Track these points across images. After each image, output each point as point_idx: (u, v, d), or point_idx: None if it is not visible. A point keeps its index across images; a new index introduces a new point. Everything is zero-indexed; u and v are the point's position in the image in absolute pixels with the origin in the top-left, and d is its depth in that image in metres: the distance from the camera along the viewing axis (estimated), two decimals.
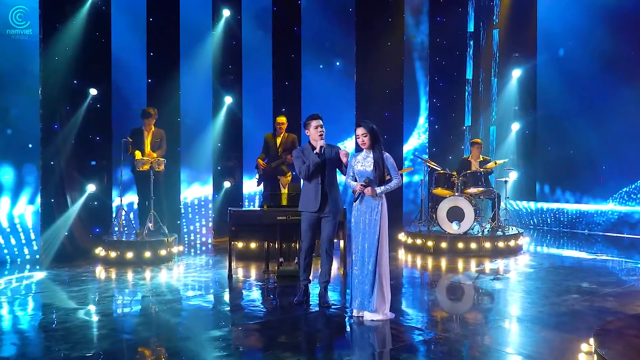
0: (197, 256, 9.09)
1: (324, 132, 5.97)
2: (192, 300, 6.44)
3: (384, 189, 5.49)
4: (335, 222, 6.00)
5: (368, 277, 5.43)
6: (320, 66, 11.51)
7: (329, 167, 5.96)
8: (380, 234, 5.45)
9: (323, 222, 5.99)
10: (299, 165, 5.95)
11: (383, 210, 5.50)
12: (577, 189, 12.07)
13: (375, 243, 5.43)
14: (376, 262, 5.41)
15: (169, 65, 10.04)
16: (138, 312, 6.04)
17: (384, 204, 5.54)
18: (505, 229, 9.51)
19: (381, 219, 5.47)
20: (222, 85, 10.63)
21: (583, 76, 11.74)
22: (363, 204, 5.55)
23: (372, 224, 5.47)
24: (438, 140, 12.71)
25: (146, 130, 8.94)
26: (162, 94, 9.92)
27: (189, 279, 7.41)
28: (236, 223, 7.32)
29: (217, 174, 10.70)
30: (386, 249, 5.53)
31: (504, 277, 7.52)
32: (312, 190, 5.93)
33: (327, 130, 6.09)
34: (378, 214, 5.47)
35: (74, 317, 5.62)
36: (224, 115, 10.69)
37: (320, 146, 5.86)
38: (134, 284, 7.15)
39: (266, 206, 7.38)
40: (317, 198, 5.90)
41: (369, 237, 5.47)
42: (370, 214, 5.50)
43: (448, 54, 12.78)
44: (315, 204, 5.90)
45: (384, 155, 5.51)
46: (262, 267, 7.88)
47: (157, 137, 8.99)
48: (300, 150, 6.04)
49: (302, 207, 6.02)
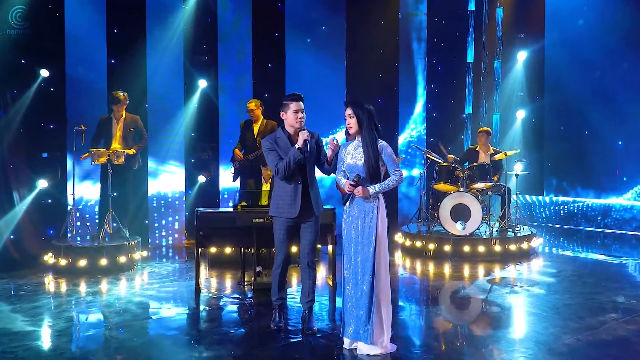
0: (164, 263, 7.89)
1: (304, 118, 4.78)
2: (147, 321, 5.27)
3: (379, 188, 4.31)
4: (317, 228, 4.86)
5: (363, 300, 4.28)
6: (307, 46, 10.27)
7: (310, 161, 4.79)
8: (377, 245, 4.28)
9: (303, 229, 4.83)
10: (274, 161, 4.74)
11: (380, 214, 4.33)
12: (590, 182, 10.96)
13: (370, 257, 4.27)
14: (372, 282, 4.25)
15: (134, 44, 8.80)
16: (68, 345, 4.85)
17: (382, 206, 4.36)
18: (516, 229, 8.39)
19: (378, 226, 4.31)
20: (195, 67, 9.39)
21: (597, 58, 10.61)
22: (354, 207, 4.39)
23: (367, 232, 4.31)
24: (436, 129, 11.59)
25: (116, 118, 7.73)
26: (126, 77, 8.66)
27: (150, 292, 6.23)
28: (204, 227, 6.15)
29: (190, 168, 9.48)
30: (385, 263, 4.36)
31: (522, 288, 6.39)
32: (289, 192, 4.76)
33: (314, 120, 4.97)
34: (373, 220, 4.31)
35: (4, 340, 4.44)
36: (198, 101, 9.46)
37: (303, 140, 4.66)
38: (79, 300, 5.95)
39: (240, 206, 6.21)
40: (296, 201, 4.73)
41: (362, 249, 4.31)
42: (364, 220, 4.34)
43: (447, 35, 11.65)
44: (293, 209, 4.73)
45: (378, 144, 4.33)
46: (238, 275, 6.76)
47: (130, 125, 7.78)
48: (272, 141, 4.81)
49: (275, 211, 4.84)
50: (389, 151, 4.36)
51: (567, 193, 11.29)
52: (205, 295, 6.14)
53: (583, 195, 11.04)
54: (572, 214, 11.07)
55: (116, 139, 7.61)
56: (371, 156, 4.29)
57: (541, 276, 6.95)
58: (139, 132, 7.79)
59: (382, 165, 4.35)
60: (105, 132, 7.65)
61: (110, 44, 8.70)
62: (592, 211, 10.79)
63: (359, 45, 10.59)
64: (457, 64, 11.78)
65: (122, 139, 7.63)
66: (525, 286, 6.45)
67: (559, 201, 11.29)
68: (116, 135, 7.63)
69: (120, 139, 7.63)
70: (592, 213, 10.79)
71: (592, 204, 10.81)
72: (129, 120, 7.74)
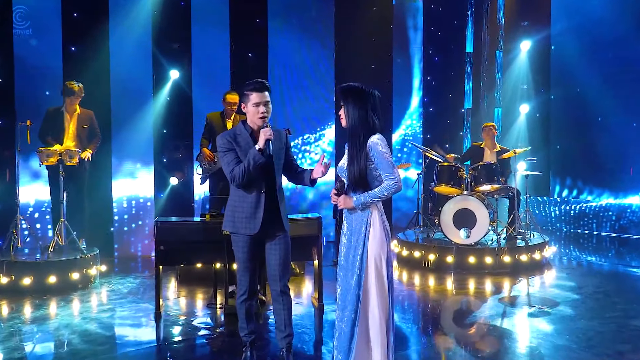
0: (127, 278, 6.87)
1: (269, 113, 3.81)
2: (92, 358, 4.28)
3: (364, 198, 3.30)
4: (287, 244, 3.89)
5: (342, 341, 3.31)
6: (292, 34, 9.27)
7: (276, 164, 3.84)
8: (366, 274, 3.26)
9: (269, 248, 3.88)
10: (231, 164, 3.77)
11: (371, 233, 3.30)
12: (601, 182, 10.10)
13: (352, 289, 3.26)
14: (354, 320, 3.25)
15: (95, 30, 7.83)
16: None
17: (375, 222, 3.33)
18: (526, 236, 7.45)
19: (367, 248, 3.28)
20: (165, 55, 8.36)
21: (608, 47, 9.76)
22: (344, 221, 3.42)
23: (351, 256, 3.33)
24: (433, 125, 10.75)
25: (68, 112, 6.73)
26: (86, 66, 7.69)
27: (101, 318, 5.23)
28: (166, 240, 5.15)
29: (160, 168, 8.47)
30: (381, 297, 3.29)
31: (540, 311, 5.43)
32: (249, 203, 3.80)
33: (300, 115, 3.99)
34: (361, 241, 3.30)
35: None
36: (169, 93, 8.44)
37: (265, 139, 3.69)
38: (17, 327, 4.94)
39: (208, 215, 5.23)
40: (256, 215, 3.78)
41: (344, 276, 3.34)
42: (350, 239, 3.36)
43: (445, 23, 10.84)
44: (252, 224, 3.78)
45: (367, 142, 3.31)
46: (209, 293, 5.80)
47: (84, 121, 6.79)
48: (230, 138, 3.81)
49: (230, 226, 3.88)
50: (380, 149, 3.29)
51: (577, 193, 10.41)
52: (167, 322, 5.15)
53: (595, 195, 10.17)
54: (583, 216, 10.20)
55: (69, 136, 6.62)
56: (355, 157, 3.31)
57: (560, 294, 5.99)
58: (92, 130, 6.80)
59: (369, 169, 3.32)
60: (54, 127, 6.65)
61: (67, 30, 7.71)
62: (606, 212, 9.89)
63: (349, 33, 9.67)
64: (456, 54, 11.02)
65: (76, 137, 6.63)
66: (543, 307, 5.49)
67: (570, 201, 10.41)
68: (69, 132, 6.63)
69: (73, 136, 6.63)
70: (606, 215, 9.89)
71: (606, 204, 9.92)
72: (83, 116, 6.75)
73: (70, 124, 6.71)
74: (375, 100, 3.37)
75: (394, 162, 3.36)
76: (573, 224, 10.31)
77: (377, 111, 3.38)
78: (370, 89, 3.37)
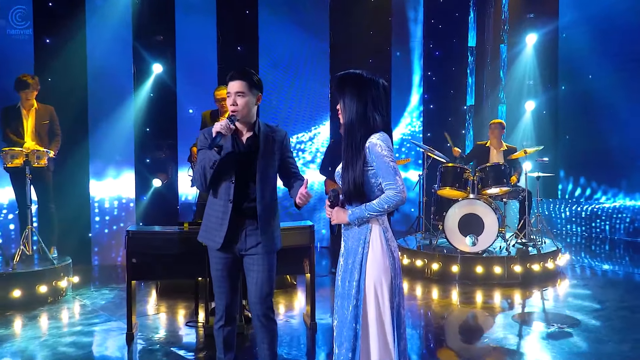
0: (102, 290, 6.27)
1: (244, 107, 3.22)
2: None
3: (360, 212, 2.67)
4: (269, 264, 3.29)
5: None
6: (284, 25, 8.67)
7: (259, 168, 3.26)
8: (364, 303, 2.64)
9: (247, 266, 3.31)
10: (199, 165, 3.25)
11: (371, 254, 2.67)
12: (613, 182, 9.57)
13: (349, 323, 2.64)
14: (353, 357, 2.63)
15: (71, 20, 7.25)
16: None
17: (375, 240, 2.68)
18: (538, 243, 6.88)
19: (365, 272, 2.65)
20: (147, 48, 7.76)
21: (620, 39, 9.18)
22: (342, 238, 2.83)
23: (347, 282, 2.70)
24: (434, 123, 10.16)
25: (25, 108, 6.12)
26: (61, 60, 7.14)
27: (67, 340, 4.63)
28: (138, 252, 4.55)
29: (142, 169, 7.87)
30: (382, 344, 2.63)
31: (560, 330, 4.86)
32: (217, 211, 3.28)
33: (293, 113, 3.43)
34: (357, 263, 2.67)
35: None
36: (151, 88, 7.85)
37: (216, 132, 3.13)
38: None
39: (187, 224, 4.65)
40: (222, 226, 3.23)
41: (340, 305, 2.72)
42: (347, 261, 2.75)
43: (446, 16, 10.23)
44: (218, 236, 3.25)
45: (365, 142, 2.68)
46: (191, 308, 5.23)
47: (43, 117, 6.18)
48: (208, 134, 3.25)
49: (203, 236, 3.38)
50: (380, 152, 2.64)
51: (587, 194, 9.87)
52: (139, 344, 4.56)
53: (607, 196, 9.61)
54: (595, 218, 9.65)
55: (28, 134, 6.01)
56: (350, 161, 2.69)
57: (580, 309, 5.41)
58: (52, 126, 6.19)
59: (365, 175, 2.68)
60: (12, 125, 6.04)
61: (39, 20, 7.13)
62: (620, 214, 9.34)
63: (346, 25, 9.10)
64: (458, 48, 10.43)
65: (36, 135, 6.02)
66: (563, 327, 4.91)
67: (581, 202, 9.86)
68: (28, 129, 6.02)
69: (32, 134, 6.02)
70: (620, 217, 9.34)
71: (620, 206, 9.35)
72: (42, 111, 6.14)
73: (28, 121, 6.08)
74: (378, 90, 2.73)
75: (397, 167, 2.70)
76: (584, 226, 9.77)
77: (379, 105, 2.73)
78: (373, 77, 2.75)
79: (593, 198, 9.80)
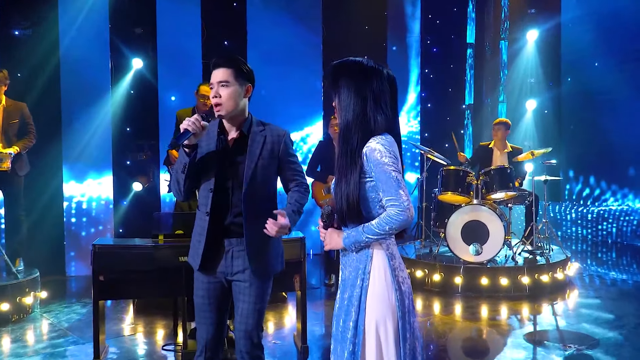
0: (73, 305, 5.71)
1: (221, 98, 2.70)
2: None
3: (355, 236, 2.15)
4: (260, 291, 2.77)
5: None
6: (274, 19, 8.15)
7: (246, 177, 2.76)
8: (363, 352, 2.11)
9: (235, 290, 2.79)
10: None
11: (372, 286, 2.14)
12: (619, 183, 9.18)
13: None
14: None
15: (43, 11, 6.72)
16: None
17: (378, 269, 2.16)
18: (545, 252, 6.42)
19: (362, 310, 2.13)
20: (125, 42, 7.21)
21: (626, 34, 8.80)
22: (340, 263, 2.32)
23: (344, 319, 2.18)
24: (432, 123, 9.73)
25: None
26: (32, 53, 6.62)
27: None
28: (107, 268, 4.02)
29: (121, 172, 7.33)
30: None
31: (578, 352, 4.38)
32: (198, 223, 2.82)
33: (284, 112, 3.07)
34: (355, 298, 2.15)
35: None
36: (130, 85, 7.31)
37: (183, 128, 2.62)
38: None
39: (162, 236, 4.12)
40: (200, 240, 2.76)
41: (334, 349, 2.21)
42: (344, 293, 2.23)
43: (444, 11, 9.88)
44: (195, 252, 2.78)
45: (363, 149, 2.15)
46: (170, 327, 4.72)
47: (12, 115, 5.61)
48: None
49: (189, 252, 2.88)
50: (379, 159, 2.11)
51: (593, 196, 9.46)
52: None
53: (614, 198, 9.20)
54: (601, 221, 9.21)
55: None
56: (344, 171, 2.17)
57: (596, 326, 4.94)
58: (24, 125, 5.63)
59: (363, 190, 2.17)
60: None
61: (7, 11, 6.59)
62: (627, 217, 8.91)
63: (340, 19, 8.61)
64: (456, 45, 10.07)
65: (2, 135, 5.48)
66: (581, 348, 4.44)
67: (587, 205, 9.44)
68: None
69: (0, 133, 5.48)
70: (627, 219, 8.91)
71: (627, 208, 8.92)
72: (12, 109, 5.58)
73: None
74: (381, 83, 2.18)
75: (401, 177, 2.13)
76: (590, 229, 9.34)
77: (382, 101, 2.18)
78: (375, 65, 2.21)
79: (601, 199, 9.40)
